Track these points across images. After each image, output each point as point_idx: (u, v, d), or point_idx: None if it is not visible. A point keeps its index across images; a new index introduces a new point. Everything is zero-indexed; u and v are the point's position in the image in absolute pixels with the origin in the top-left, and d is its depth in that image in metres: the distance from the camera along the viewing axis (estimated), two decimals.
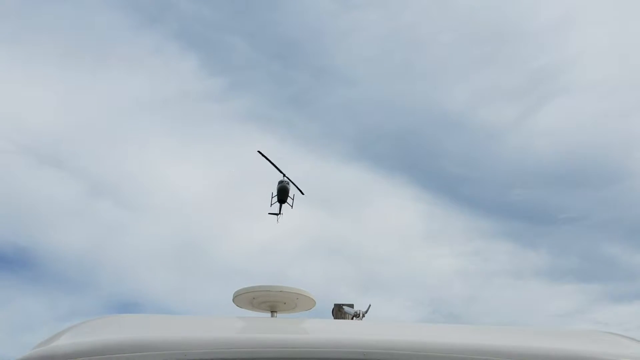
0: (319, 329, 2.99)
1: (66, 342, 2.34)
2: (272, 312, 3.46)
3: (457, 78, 27.04)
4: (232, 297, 3.48)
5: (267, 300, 3.41)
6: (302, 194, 23.57)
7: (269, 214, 23.53)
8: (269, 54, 27.91)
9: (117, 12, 27.03)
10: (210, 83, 27.56)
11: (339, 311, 4.71)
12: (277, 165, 23.72)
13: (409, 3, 26.89)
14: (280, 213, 23.61)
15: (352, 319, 4.23)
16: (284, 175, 23.65)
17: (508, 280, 26.73)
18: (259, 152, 23.57)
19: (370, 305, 4.09)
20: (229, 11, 27.90)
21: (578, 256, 26.93)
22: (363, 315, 4.07)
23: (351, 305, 4.50)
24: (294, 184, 23.72)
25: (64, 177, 27.25)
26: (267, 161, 23.50)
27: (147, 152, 27.47)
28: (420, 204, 27.61)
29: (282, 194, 23.48)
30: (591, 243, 26.85)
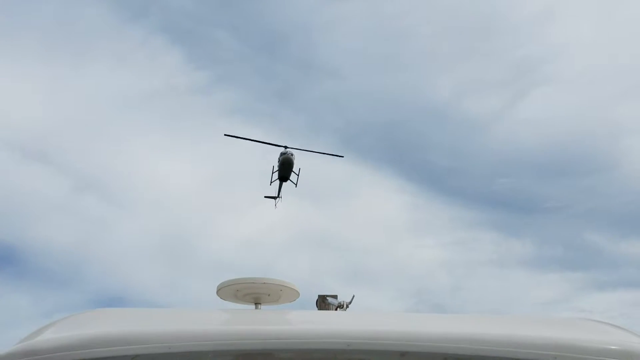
0: (303, 320, 3.00)
1: (51, 337, 2.34)
2: (256, 304, 3.47)
3: (441, 69, 27.12)
4: (216, 290, 3.48)
5: (251, 292, 3.41)
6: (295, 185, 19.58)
7: (266, 197, 19.67)
8: (254, 47, 27.83)
9: (102, 6, 26.81)
10: (196, 76, 27.45)
11: (322, 302, 4.72)
12: (255, 139, 19.33)
13: None
14: (279, 196, 19.50)
15: (336, 309, 4.25)
16: (286, 147, 18.99)
17: (493, 269, 26.95)
18: (225, 135, 19.88)
19: (354, 296, 4.12)
20: (214, 5, 27.77)
21: (562, 245, 27.21)
22: (347, 306, 4.09)
23: (335, 297, 4.52)
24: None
25: (49, 172, 27.06)
26: (242, 140, 19.26)
27: (132, 146, 27.32)
28: (405, 196, 27.72)
29: (285, 168, 18.91)
30: (575, 232, 27.12)
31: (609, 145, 26.10)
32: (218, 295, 3.47)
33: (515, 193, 26.97)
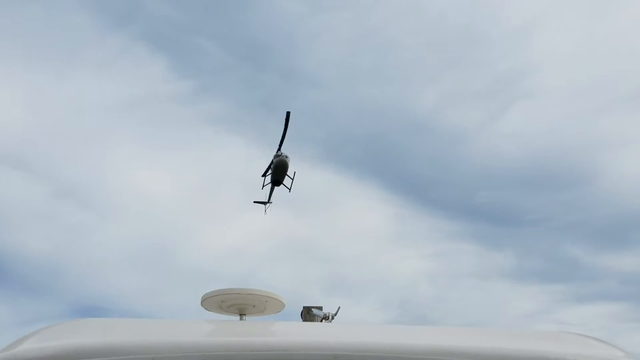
0: (288, 332, 2.99)
1: (30, 347, 2.30)
2: (240, 315, 3.44)
3: (425, 81, 27.29)
4: (200, 301, 3.45)
5: (236, 303, 3.39)
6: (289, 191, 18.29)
7: (255, 202, 18.60)
8: (239, 56, 27.79)
9: (85, 13, 26.65)
10: (180, 85, 27.33)
11: (307, 313, 4.70)
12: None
13: (377, 6, 27.04)
14: (269, 202, 18.36)
15: (321, 321, 4.23)
16: (280, 147, 17.73)
17: (474, 281, 27.05)
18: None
19: (339, 308, 4.10)
20: (198, 13, 27.72)
21: (543, 257, 27.40)
22: (332, 318, 4.08)
23: (320, 308, 4.50)
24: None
25: (28, 179, 26.75)
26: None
27: (114, 154, 27.11)
28: (389, 207, 27.77)
29: (279, 172, 17.76)
30: (555, 244, 27.35)
31: (588, 159, 26.42)
32: (202, 306, 3.44)
33: (497, 206, 27.18)
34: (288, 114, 17.41)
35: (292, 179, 17.87)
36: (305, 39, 26.85)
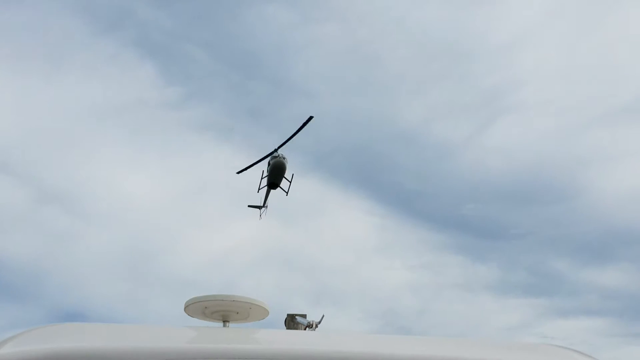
0: (272, 340, 2.97)
1: (11, 350, 2.26)
2: (224, 321, 3.42)
3: (412, 94, 27.44)
4: (183, 307, 3.42)
5: (220, 310, 3.36)
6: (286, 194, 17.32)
7: (250, 206, 17.78)
8: (228, 64, 27.80)
9: (75, 17, 26.54)
10: (168, 91, 27.27)
11: (291, 321, 4.68)
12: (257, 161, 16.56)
13: (366, 19, 27.19)
14: (264, 206, 17.46)
15: (305, 329, 4.21)
16: (276, 149, 16.61)
17: (458, 293, 27.11)
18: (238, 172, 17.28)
19: (323, 316, 4.09)
20: (189, 21, 27.71)
21: (526, 271, 27.53)
22: (316, 326, 4.06)
23: (304, 316, 4.48)
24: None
25: (11, 183, 26.48)
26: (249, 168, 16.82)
27: (100, 159, 26.93)
28: (374, 217, 27.81)
29: (276, 174, 16.64)
30: (538, 258, 27.50)
31: (573, 174, 26.64)
32: (185, 312, 3.41)
33: (483, 218, 27.31)
34: (310, 118, 16.67)
35: (290, 182, 16.93)
36: (294, 49, 26.93)
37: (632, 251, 26.66)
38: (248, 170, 17.65)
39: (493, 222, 27.42)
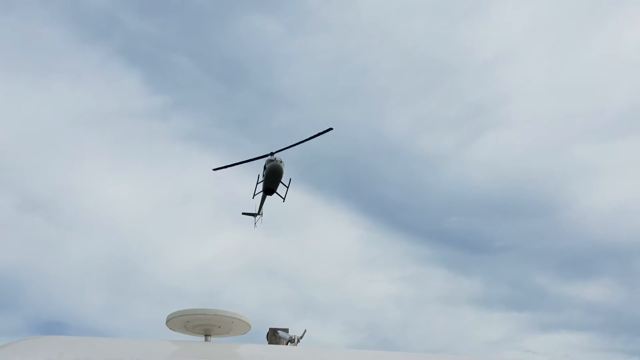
0: (254, 355, 2.97)
1: None
2: (206, 335, 3.40)
3: (398, 107, 27.58)
4: (165, 320, 3.40)
5: (202, 324, 3.35)
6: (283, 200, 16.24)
7: (244, 214, 16.80)
8: (215, 74, 27.78)
9: (61, 26, 26.43)
10: (153, 101, 27.19)
11: (273, 335, 4.67)
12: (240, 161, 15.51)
13: (354, 31, 27.35)
14: (259, 213, 16.46)
15: (287, 344, 4.21)
16: (272, 153, 15.59)
17: (441, 306, 27.15)
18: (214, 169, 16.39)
19: (305, 331, 4.08)
20: (175, 30, 27.69)
21: (510, 284, 27.65)
22: (298, 341, 4.06)
23: (286, 330, 4.47)
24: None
25: None
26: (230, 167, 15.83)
27: (84, 167, 26.75)
28: (359, 230, 27.83)
29: (272, 179, 15.54)
30: (522, 272, 27.63)
31: (556, 189, 26.87)
32: (167, 326, 3.40)
33: (467, 232, 27.42)
34: (329, 129, 15.67)
35: (287, 187, 15.67)
36: (281, 60, 26.98)
37: (614, 266, 26.89)
38: (227, 169, 16.69)
39: (477, 235, 27.56)
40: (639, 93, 25.56)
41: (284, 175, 15.70)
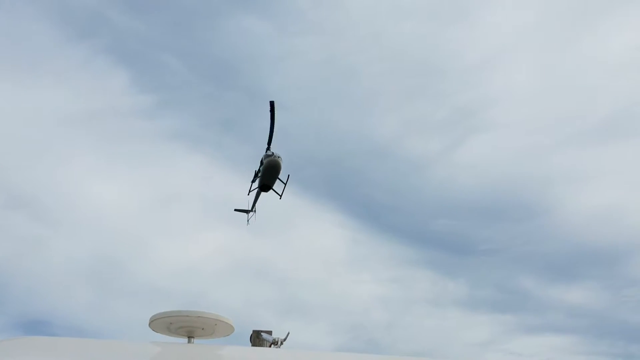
0: (237, 357, 2.98)
1: None
2: (189, 337, 3.41)
3: (387, 108, 27.65)
4: (148, 322, 3.41)
5: (185, 326, 3.36)
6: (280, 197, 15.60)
7: (236, 210, 16.23)
8: (203, 74, 27.71)
9: (48, 23, 26.25)
10: (140, 100, 27.07)
11: (257, 338, 4.68)
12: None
13: (344, 33, 27.39)
14: (253, 210, 15.90)
15: (270, 346, 4.23)
16: (269, 145, 15.12)
17: (427, 308, 27.25)
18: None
19: (288, 333, 4.10)
20: (164, 29, 27.59)
21: (495, 287, 27.80)
22: (281, 343, 4.08)
23: (270, 332, 4.49)
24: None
25: None
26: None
27: (69, 166, 26.57)
28: (345, 231, 27.86)
29: (270, 175, 14.97)
30: (507, 275, 27.79)
31: (542, 193, 27.06)
32: (150, 328, 3.40)
33: (453, 234, 27.54)
34: (272, 103, 15.37)
35: (285, 184, 15.07)
36: (270, 61, 26.97)
37: (598, 270, 27.12)
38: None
39: (463, 238, 27.68)
40: (624, 98, 25.81)
41: (280, 172, 15.19)
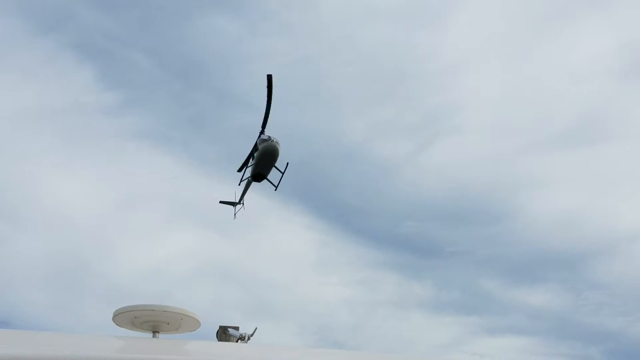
0: (203, 351, 2.94)
1: None
2: (154, 332, 3.35)
3: (356, 110, 27.76)
4: (111, 316, 3.33)
5: (150, 320, 3.29)
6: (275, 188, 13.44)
7: (221, 202, 14.31)
8: (171, 72, 27.42)
9: (11, 17, 25.71)
10: (106, 97, 26.65)
11: (223, 333, 4.62)
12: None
13: (315, 35, 27.41)
14: (241, 203, 13.87)
15: (237, 341, 4.18)
16: (264, 127, 12.87)
17: (392, 310, 27.39)
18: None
19: (256, 328, 4.06)
20: (132, 25, 27.23)
21: (459, 289, 28.08)
22: (248, 339, 4.03)
23: (237, 328, 4.44)
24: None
25: None
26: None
27: (33, 163, 26.05)
28: (314, 233, 27.86)
29: (265, 162, 12.61)
30: (472, 277, 28.09)
31: (508, 197, 27.44)
32: (114, 322, 3.33)
33: (421, 237, 27.74)
34: (269, 77, 13.18)
35: (283, 173, 12.89)
36: (241, 61, 26.83)
37: (559, 273, 27.62)
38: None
39: (430, 241, 27.90)
40: (588, 105, 26.36)
41: (277, 158, 12.83)
